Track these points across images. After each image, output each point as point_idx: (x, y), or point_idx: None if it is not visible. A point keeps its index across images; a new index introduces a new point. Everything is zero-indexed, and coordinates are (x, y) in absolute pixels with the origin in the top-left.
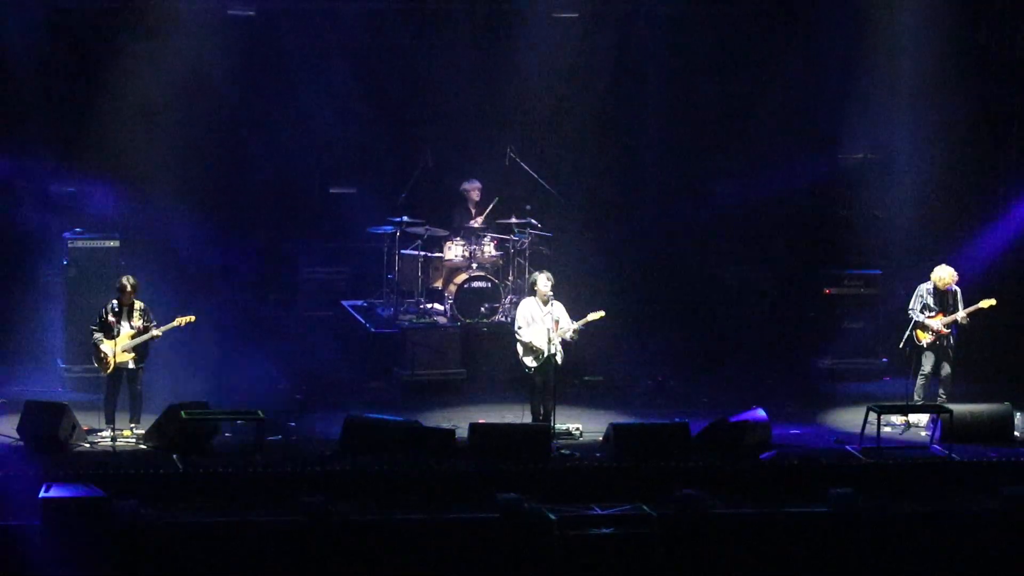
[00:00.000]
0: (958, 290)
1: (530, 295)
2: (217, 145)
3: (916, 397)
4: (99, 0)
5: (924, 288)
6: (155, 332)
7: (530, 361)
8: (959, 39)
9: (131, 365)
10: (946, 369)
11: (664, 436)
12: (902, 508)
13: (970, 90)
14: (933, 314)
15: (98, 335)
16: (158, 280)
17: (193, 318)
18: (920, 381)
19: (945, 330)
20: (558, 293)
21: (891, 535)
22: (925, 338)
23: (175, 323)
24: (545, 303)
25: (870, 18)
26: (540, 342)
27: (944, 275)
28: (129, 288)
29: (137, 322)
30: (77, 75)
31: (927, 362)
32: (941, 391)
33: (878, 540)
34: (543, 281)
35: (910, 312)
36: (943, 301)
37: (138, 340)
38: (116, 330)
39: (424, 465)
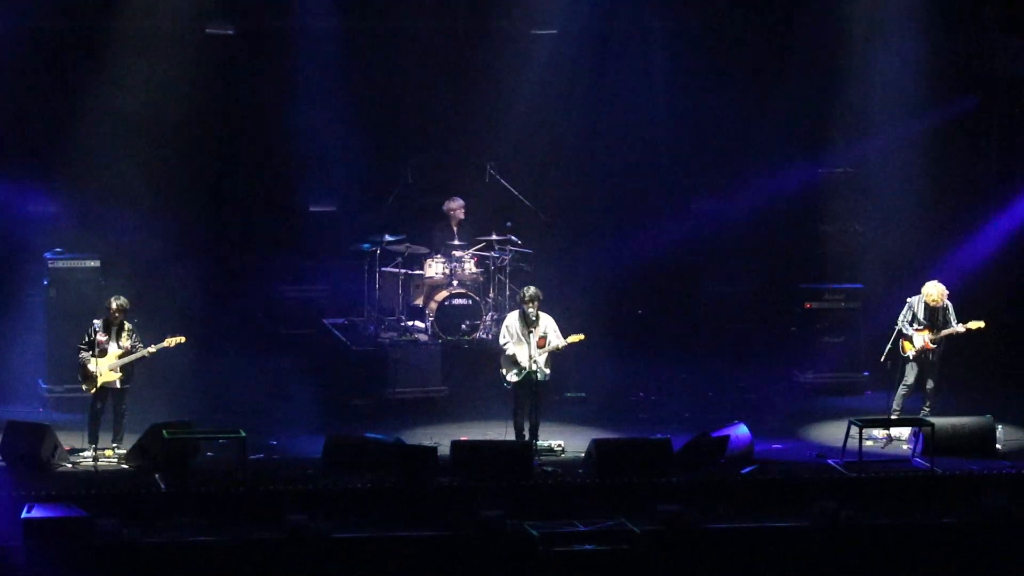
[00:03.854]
0: (949, 305)
1: (515, 309)
2: (197, 164)
3: (895, 407)
4: (77, 18)
5: (915, 301)
6: (146, 352)
7: (511, 376)
8: (939, 52)
9: (117, 385)
10: (930, 383)
11: (646, 452)
12: (884, 522)
13: (950, 103)
14: (922, 328)
15: (85, 354)
16: (138, 299)
17: (183, 339)
18: (901, 391)
19: (931, 345)
20: (541, 309)
21: (873, 549)
22: (910, 349)
23: (165, 343)
24: (531, 319)
25: (850, 32)
26: (521, 357)
27: (934, 292)
28: (118, 309)
29: (125, 342)
30: (56, 93)
31: (911, 374)
32: (925, 404)
33: (860, 554)
34: (533, 296)
35: (899, 324)
36: (933, 316)
37: (126, 360)
38: (104, 350)
39: (407, 483)
